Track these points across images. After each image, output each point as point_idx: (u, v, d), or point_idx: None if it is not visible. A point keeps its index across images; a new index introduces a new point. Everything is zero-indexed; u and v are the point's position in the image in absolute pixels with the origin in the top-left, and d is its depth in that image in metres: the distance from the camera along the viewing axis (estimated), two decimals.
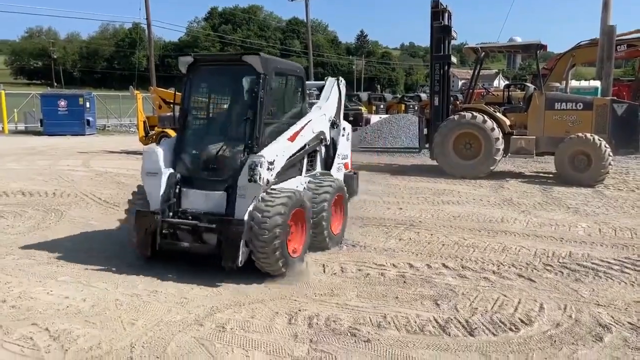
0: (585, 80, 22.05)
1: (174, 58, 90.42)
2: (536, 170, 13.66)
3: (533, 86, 12.93)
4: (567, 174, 11.35)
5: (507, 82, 23.75)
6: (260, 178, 5.32)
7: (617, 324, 4.49)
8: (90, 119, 26.06)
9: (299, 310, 4.76)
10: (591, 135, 11.13)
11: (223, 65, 6.28)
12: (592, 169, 11.03)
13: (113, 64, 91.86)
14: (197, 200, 5.69)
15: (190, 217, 5.62)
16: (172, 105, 7.13)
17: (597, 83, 18.50)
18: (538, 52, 12.40)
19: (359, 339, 4.24)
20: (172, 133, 16.78)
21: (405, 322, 4.54)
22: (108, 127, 30.04)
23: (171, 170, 5.77)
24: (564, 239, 7.22)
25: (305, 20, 44.75)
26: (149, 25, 33.46)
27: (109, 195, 10.19)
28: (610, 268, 5.97)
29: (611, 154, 11.05)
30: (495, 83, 48.40)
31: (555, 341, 4.19)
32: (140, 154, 6.65)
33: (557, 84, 14.44)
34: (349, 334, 4.33)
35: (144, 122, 17.02)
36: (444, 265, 6.11)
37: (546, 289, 5.35)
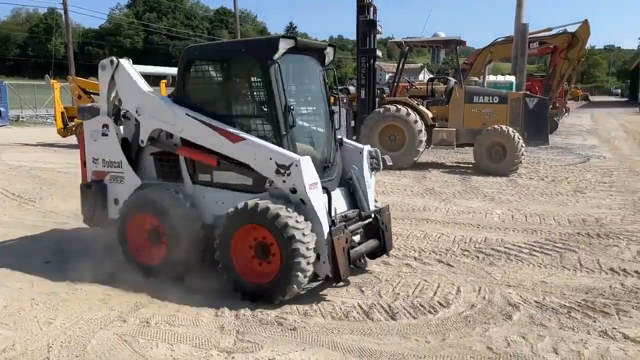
0: (502, 75, 23.25)
1: (94, 46, 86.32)
2: (456, 160, 14.30)
3: (454, 80, 13.49)
4: (485, 164, 11.98)
5: (431, 76, 24.59)
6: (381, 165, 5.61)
7: (524, 302, 4.84)
8: (2, 109, 24.42)
9: (226, 303, 4.75)
10: (506, 128, 11.79)
11: (305, 54, 5.38)
12: (506, 159, 11.70)
13: (27, 50, 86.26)
14: (336, 203, 5.21)
15: (345, 218, 5.22)
16: (92, 96, 6.75)
17: (512, 78, 19.59)
18: (458, 47, 12.96)
19: (285, 328, 4.32)
20: None
21: (331, 309, 4.66)
22: (22, 118, 28.24)
23: None
24: (481, 225, 7.64)
25: (233, 10, 44.04)
26: (65, 11, 31.78)
27: (24, 190, 9.65)
28: (520, 251, 6.39)
29: (524, 145, 11.77)
30: (421, 77, 50.02)
31: (469, 321, 4.46)
32: (60, 146, 6.34)
33: (476, 79, 15.18)
34: (275, 324, 4.39)
35: (62, 113, 16.16)
36: None
37: (463, 273, 5.66)
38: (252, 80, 5.38)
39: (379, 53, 13.23)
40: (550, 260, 6.10)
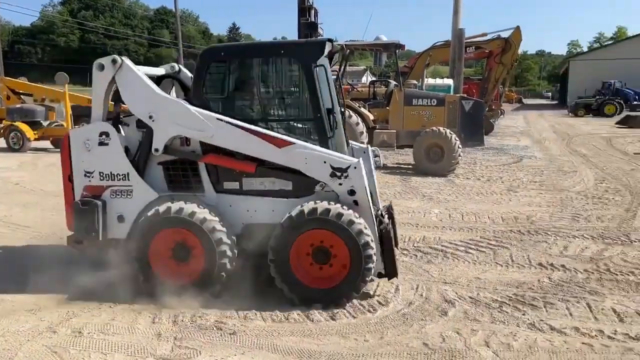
0: (440, 78, 23.95)
1: (25, 44, 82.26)
2: (397, 162, 14.59)
3: (394, 83, 13.77)
4: (424, 165, 12.29)
5: (372, 79, 24.99)
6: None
7: (460, 299, 5.00)
8: None
9: (164, 309, 4.65)
10: (444, 129, 12.15)
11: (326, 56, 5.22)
12: (444, 160, 12.06)
13: None
14: None
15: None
16: (21, 97, 6.27)
17: (450, 81, 20.24)
18: (397, 51, 13.25)
19: (224, 332, 4.27)
20: (24, 127, 15.34)
21: (271, 312, 4.64)
22: None
23: None
24: (419, 224, 7.84)
25: (174, 10, 43.13)
26: None
27: None
28: (457, 249, 6.60)
29: (460, 146, 12.17)
30: (364, 79, 50.80)
31: (407, 319, 4.57)
32: None
33: (415, 82, 15.56)
34: (214, 328, 4.34)
35: None
36: None
37: (402, 272, 5.74)
38: (290, 82, 5.18)
39: None
40: (485, 257, 6.33)
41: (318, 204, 4.63)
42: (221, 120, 4.82)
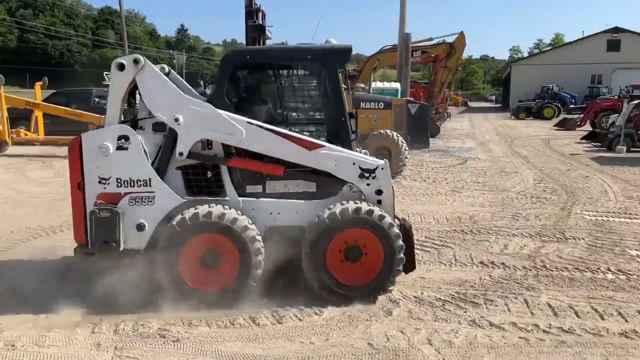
0: (388, 82, 24.37)
1: None
2: None
3: (343, 86, 13.87)
4: None
5: None
6: None
7: (404, 298, 5.09)
8: None
9: (104, 318, 4.51)
10: (391, 132, 12.36)
11: None
12: (392, 162, 12.15)
13: None
14: None
15: None
16: None
17: (397, 85, 20.62)
18: None
19: (168, 340, 4.18)
20: None
21: (216, 318, 4.58)
22: None
23: None
24: None
25: (119, 10, 41.96)
26: None
27: None
28: None
29: (407, 148, 12.41)
30: None
31: (353, 320, 4.61)
32: None
33: (363, 85, 15.75)
34: (157, 336, 4.24)
35: None
36: None
37: None
38: (315, 86, 5.20)
39: None
40: (429, 256, 6.48)
41: (360, 203, 4.78)
42: (251, 123, 4.77)
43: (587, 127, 25.16)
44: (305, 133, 5.03)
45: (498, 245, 6.92)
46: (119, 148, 4.67)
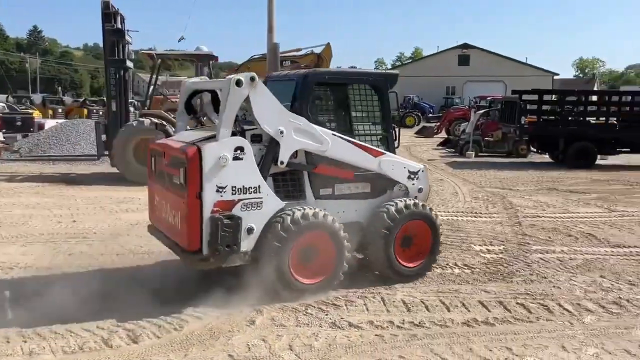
0: None
1: None
2: None
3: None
4: None
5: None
6: None
7: (268, 306, 5.06)
8: None
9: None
10: None
11: None
12: None
13: None
14: None
15: None
16: None
17: None
18: (210, 62, 13.16)
19: None
20: None
21: (63, 343, 4.22)
22: None
23: None
24: None
25: None
26: None
27: None
28: None
29: None
30: None
31: (214, 332, 4.51)
32: None
33: None
34: None
35: None
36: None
37: (217, 286, 5.70)
38: (371, 104, 5.99)
39: (129, 64, 12.64)
40: None
41: (416, 200, 5.92)
42: (335, 135, 5.50)
43: (444, 135, 27.33)
44: (365, 143, 5.81)
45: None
46: (235, 158, 4.95)
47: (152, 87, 13.19)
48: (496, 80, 48.88)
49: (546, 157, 18.84)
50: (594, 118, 18.27)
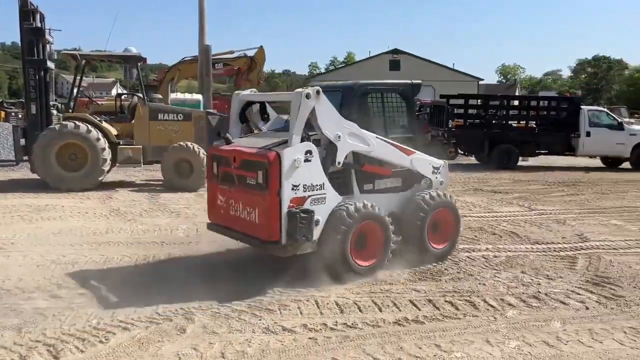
0: (196, 93, 23.94)
1: None
2: (147, 178, 14.05)
3: (140, 96, 13.17)
4: (173, 181, 12.07)
5: (119, 92, 23.68)
6: None
7: (200, 313, 4.97)
8: None
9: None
10: (191, 144, 12.12)
11: None
12: (193, 175, 12.03)
13: None
14: None
15: None
16: None
17: (199, 96, 20.37)
18: (139, 64, 12.75)
19: None
20: None
21: None
22: None
23: None
24: (165, 242, 7.63)
25: None
26: None
27: None
28: (204, 264, 6.60)
29: None
30: (113, 92, 47.86)
31: (143, 343, 4.35)
32: None
33: (160, 96, 15.18)
34: None
35: None
36: (36, 288, 5.60)
37: (140, 296, 5.50)
38: (400, 109, 6.98)
39: (50, 65, 12.01)
40: (228, 267, 6.47)
41: (440, 191, 6.85)
42: (379, 138, 6.31)
43: None
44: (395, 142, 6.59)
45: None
46: (306, 160, 5.67)
47: (76, 89, 12.58)
48: (426, 85, 50.17)
49: (472, 159, 19.66)
50: (516, 122, 19.28)
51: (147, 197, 11.21)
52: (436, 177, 6.97)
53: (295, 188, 5.61)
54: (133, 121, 12.47)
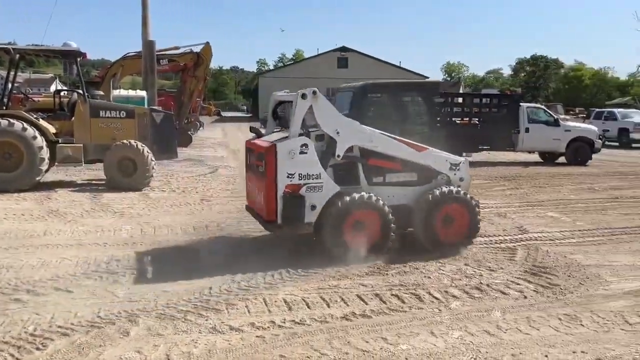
0: (140, 90, 23.27)
1: None
2: (89, 178, 13.55)
3: (80, 92, 12.67)
4: (116, 180, 11.69)
5: (58, 88, 22.75)
6: None
7: (145, 315, 4.85)
8: None
9: None
10: (135, 142, 11.78)
11: None
12: (138, 173, 11.69)
13: None
14: None
15: None
16: None
17: (143, 93, 19.83)
18: (78, 59, 12.27)
19: None
20: None
21: None
22: None
23: None
24: (108, 243, 7.39)
25: None
26: None
27: None
28: (146, 264, 6.44)
29: (154, 158, 11.98)
30: (52, 88, 45.87)
31: (83, 348, 4.19)
32: None
33: (101, 92, 14.69)
34: None
35: None
36: None
37: (84, 297, 5.32)
38: (419, 108, 7.23)
39: None
40: (173, 267, 6.31)
41: (454, 187, 6.94)
42: (383, 134, 6.77)
43: None
44: (412, 139, 6.99)
45: (242, 250, 7.16)
46: (301, 152, 6.38)
47: (10, 85, 11.97)
48: None
49: None
50: (459, 118, 19.82)
51: (88, 197, 10.81)
52: (455, 174, 7.12)
53: (290, 176, 6.37)
54: (73, 119, 11.99)
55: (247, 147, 7.36)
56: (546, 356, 4.22)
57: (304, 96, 6.39)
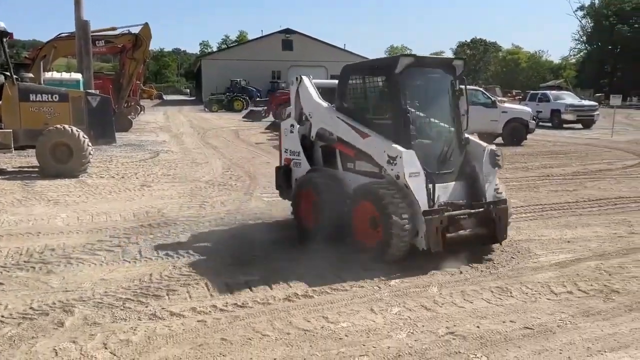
0: (74, 72, 22.25)
1: None
2: (21, 165, 12.93)
3: (9, 75, 11.97)
4: (50, 166, 11.20)
5: None
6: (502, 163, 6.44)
7: (81, 305, 4.72)
8: None
9: None
10: (69, 127, 11.30)
11: (430, 68, 6.67)
12: (73, 159, 11.24)
13: None
14: (447, 192, 6.12)
15: (461, 207, 6.05)
16: None
17: (79, 76, 19.00)
18: (4, 39, 11.57)
19: None
20: None
21: None
22: None
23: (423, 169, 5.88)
24: (41, 232, 7.10)
25: None
26: None
27: None
28: (83, 253, 6.25)
29: (90, 144, 11.54)
30: None
31: (15, 341, 4.05)
32: None
33: (30, 75, 13.95)
34: None
35: None
36: None
37: (14, 289, 5.12)
38: (383, 90, 6.55)
39: None
40: (113, 256, 6.18)
41: (375, 183, 6.03)
42: (339, 118, 6.61)
43: (271, 118, 27.82)
44: (376, 126, 6.32)
45: (185, 235, 7.06)
46: (290, 132, 7.33)
47: None
48: (318, 66, 51.03)
49: None
50: None
51: (20, 185, 10.31)
52: (391, 169, 5.83)
53: (286, 151, 7.44)
54: (0, 103, 11.34)
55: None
56: (478, 327, 4.42)
57: (292, 82, 7.40)
